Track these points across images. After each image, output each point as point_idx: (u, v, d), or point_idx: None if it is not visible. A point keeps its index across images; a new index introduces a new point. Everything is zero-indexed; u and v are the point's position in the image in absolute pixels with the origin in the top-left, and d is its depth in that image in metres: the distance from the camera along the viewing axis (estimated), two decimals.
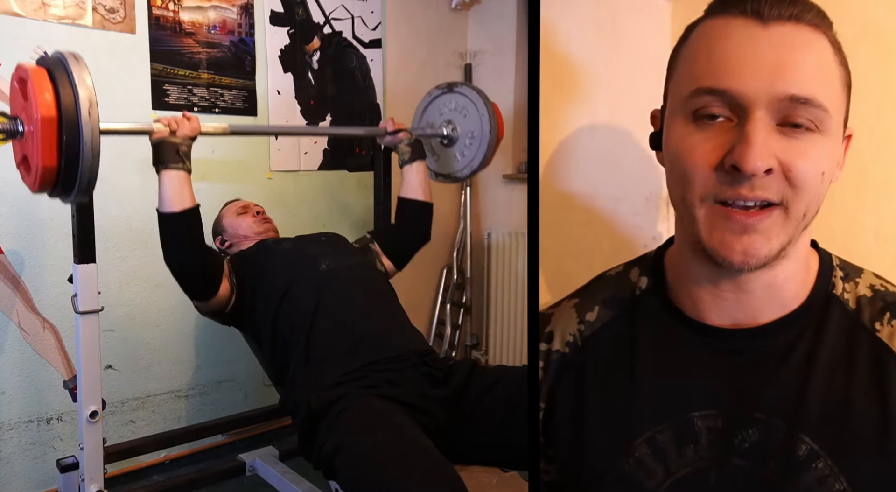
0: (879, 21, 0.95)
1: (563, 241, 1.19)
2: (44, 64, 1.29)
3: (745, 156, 0.67)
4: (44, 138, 1.22)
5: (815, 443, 0.71)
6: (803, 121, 0.68)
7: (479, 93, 2.11)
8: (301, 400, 1.52)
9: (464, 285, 3.04)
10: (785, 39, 0.68)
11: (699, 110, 0.71)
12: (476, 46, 3.01)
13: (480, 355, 3.03)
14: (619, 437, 0.78)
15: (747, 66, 0.68)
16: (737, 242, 0.70)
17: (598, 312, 0.85)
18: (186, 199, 1.58)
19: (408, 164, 2.00)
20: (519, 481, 1.99)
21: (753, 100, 0.68)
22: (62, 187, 1.30)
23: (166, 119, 1.59)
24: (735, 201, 0.69)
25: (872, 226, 0.99)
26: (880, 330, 0.73)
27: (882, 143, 0.97)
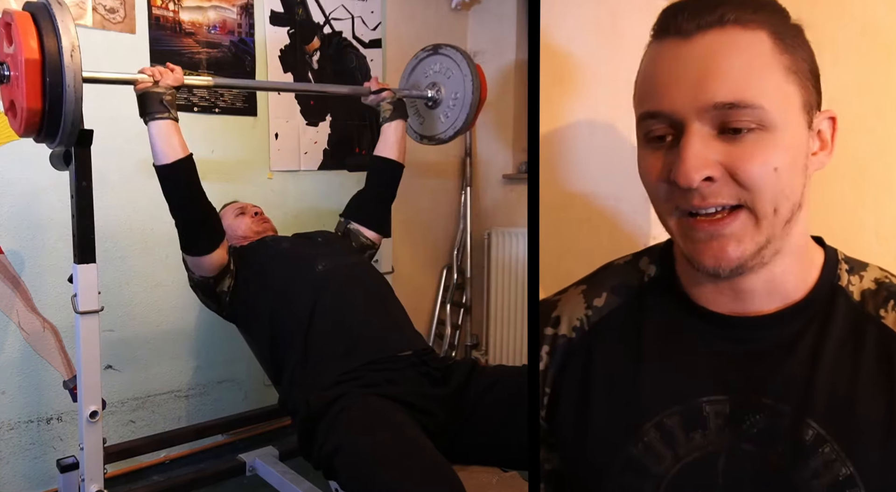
0: (879, 21, 0.95)
1: (563, 240, 1.19)
2: (28, 9, 1.32)
3: (678, 170, 0.69)
4: (28, 81, 1.26)
5: (822, 428, 0.72)
6: (741, 123, 0.68)
7: (464, 54, 2.12)
8: (300, 400, 1.52)
9: (464, 285, 3.04)
10: (707, 49, 0.69)
11: (648, 133, 0.74)
12: (476, 46, 3.01)
13: (480, 355, 3.03)
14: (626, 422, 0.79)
15: (673, 85, 0.70)
16: (706, 248, 0.72)
17: (606, 299, 0.86)
18: (178, 148, 1.60)
19: (388, 122, 2.02)
20: (519, 481, 1.99)
21: (685, 115, 0.69)
22: (47, 131, 1.34)
23: (150, 70, 1.61)
24: (695, 210, 0.71)
25: (872, 226, 0.99)
26: (885, 316, 0.75)
27: (882, 143, 0.97)
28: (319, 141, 2.56)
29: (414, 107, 2.22)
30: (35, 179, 1.90)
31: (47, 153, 1.58)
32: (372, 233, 2.00)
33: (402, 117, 2.05)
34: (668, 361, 0.80)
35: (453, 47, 2.17)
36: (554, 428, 0.85)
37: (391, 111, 2.02)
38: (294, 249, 1.83)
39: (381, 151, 2.03)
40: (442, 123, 2.17)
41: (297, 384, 1.58)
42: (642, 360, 0.81)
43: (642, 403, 0.79)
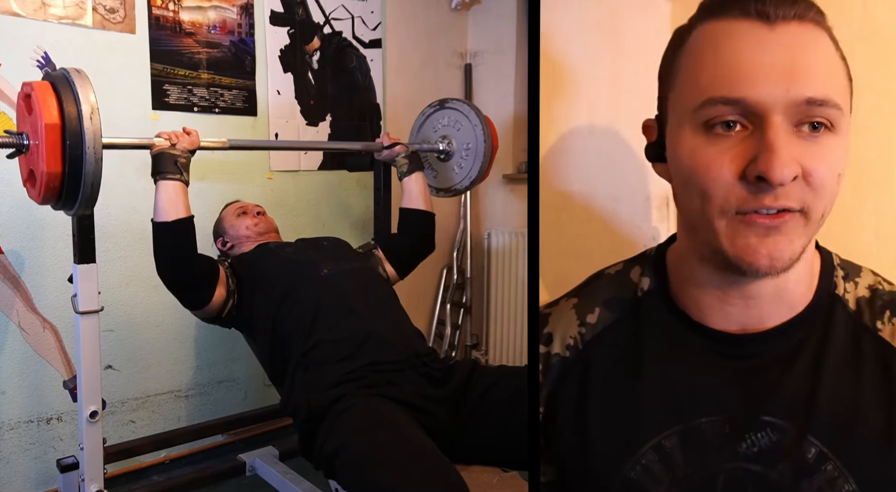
0: (879, 21, 0.95)
1: (563, 241, 1.19)
2: (48, 79, 1.34)
3: (771, 165, 0.65)
4: (48, 144, 1.26)
5: (823, 445, 0.70)
6: (821, 121, 0.66)
7: (471, 106, 2.15)
8: (301, 401, 1.52)
9: (464, 285, 3.04)
10: (794, 40, 0.66)
11: (711, 121, 0.68)
12: (476, 46, 3.01)
13: (480, 355, 3.03)
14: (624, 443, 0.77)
15: (760, 72, 0.66)
16: (761, 245, 0.68)
17: (599, 314, 0.84)
18: (181, 209, 1.59)
19: (406, 176, 2.01)
20: (519, 481, 1.99)
21: (770, 106, 0.66)
22: (66, 196, 1.34)
23: (167, 133, 1.61)
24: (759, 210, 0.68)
25: (872, 226, 0.99)
26: (882, 329, 0.73)
27: (882, 143, 0.97)
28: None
29: (426, 160, 2.21)
30: None
31: None
32: (392, 270, 1.97)
33: (420, 169, 2.04)
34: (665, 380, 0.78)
35: (460, 100, 2.20)
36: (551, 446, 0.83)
37: (407, 164, 2.02)
38: (297, 254, 1.83)
39: (408, 204, 2.01)
40: (457, 173, 2.18)
41: (298, 386, 1.58)
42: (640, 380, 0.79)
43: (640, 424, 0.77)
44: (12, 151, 1.38)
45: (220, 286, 1.69)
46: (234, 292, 1.73)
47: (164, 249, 1.61)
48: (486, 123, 2.11)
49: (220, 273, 1.71)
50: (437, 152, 2.20)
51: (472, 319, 3.08)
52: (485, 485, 2.02)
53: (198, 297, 1.66)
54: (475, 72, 3.02)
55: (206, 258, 1.70)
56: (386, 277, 1.95)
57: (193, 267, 1.64)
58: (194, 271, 1.64)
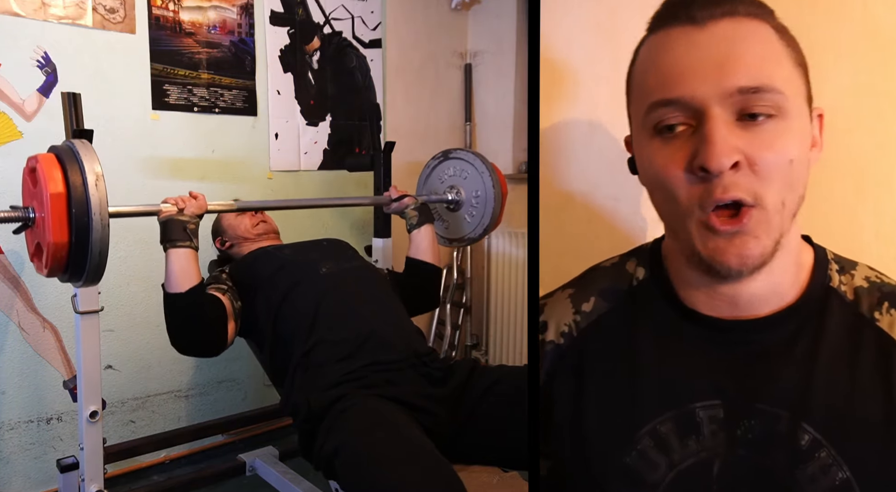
0: (879, 21, 0.95)
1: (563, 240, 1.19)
2: (53, 151, 1.34)
3: (708, 154, 0.68)
4: (54, 214, 1.26)
5: (817, 433, 0.71)
6: (761, 109, 0.68)
7: (476, 154, 2.14)
8: (301, 401, 1.52)
9: (464, 285, 3.04)
10: (724, 36, 0.70)
11: (659, 124, 0.72)
12: (476, 46, 3.01)
13: (480, 355, 3.03)
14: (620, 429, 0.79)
15: (692, 70, 0.70)
16: (730, 246, 0.71)
17: (595, 303, 0.85)
18: (193, 277, 1.56)
19: (416, 228, 1.98)
20: (519, 481, 1.99)
21: (706, 101, 0.69)
22: (73, 266, 1.33)
23: (174, 199, 1.58)
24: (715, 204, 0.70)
25: (872, 226, 0.99)
26: (880, 319, 0.74)
27: (882, 143, 0.97)
28: (319, 141, 2.56)
29: (435, 211, 2.19)
30: None
31: None
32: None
33: (430, 221, 2.01)
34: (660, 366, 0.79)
35: (463, 150, 2.19)
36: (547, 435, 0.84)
37: (417, 217, 1.98)
38: (296, 254, 1.82)
39: (415, 255, 1.98)
40: (468, 223, 2.16)
41: (298, 386, 1.58)
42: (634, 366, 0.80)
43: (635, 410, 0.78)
44: (19, 226, 1.37)
45: (231, 321, 1.67)
46: (240, 312, 1.72)
47: (178, 319, 1.57)
48: (492, 169, 2.09)
49: (227, 307, 1.67)
50: (447, 202, 2.18)
51: (472, 319, 3.08)
52: (485, 485, 2.02)
53: (214, 350, 1.64)
54: (475, 72, 3.02)
55: (214, 307, 1.63)
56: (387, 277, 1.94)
57: (207, 329, 1.61)
58: (208, 332, 1.62)
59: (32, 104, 1.89)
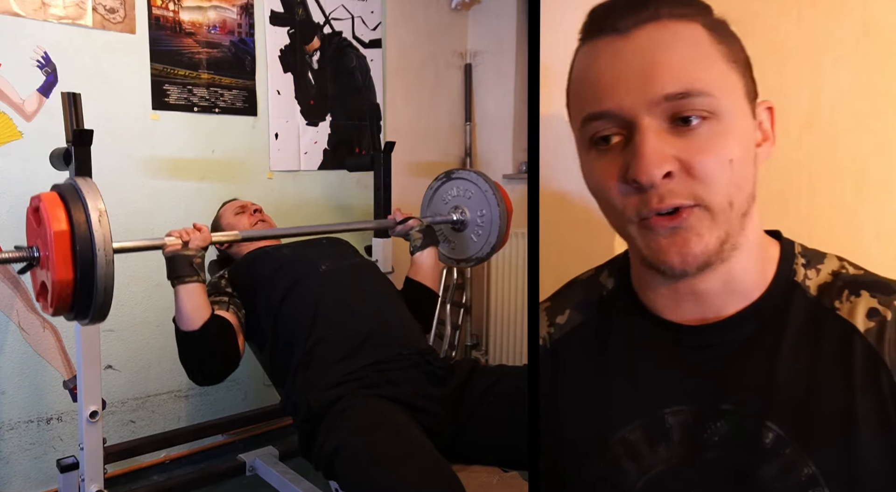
0: (879, 21, 0.95)
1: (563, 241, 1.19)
2: (55, 190, 1.35)
3: (638, 167, 0.68)
4: (58, 252, 1.26)
5: (781, 430, 0.70)
6: (692, 113, 0.67)
7: (478, 173, 2.14)
8: (301, 401, 1.52)
9: (464, 285, 3.04)
10: (648, 42, 0.69)
11: (593, 136, 0.72)
12: (476, 46, 3.01)
13: (480, 355, 3.03)
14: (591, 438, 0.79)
15: (618, 81, 0.69)
16: (670, 243, 0.70)
17: (569, 316, 0.86)
18: (204, 312, 1.57)
19: (420, 250, 1.97)
20: (519, 481, 1.99)
21: (634, 111, 0.68)
22: (79, 304, 1.33)
23: (178, 232, 1.58)
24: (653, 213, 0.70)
25: (872, 226, 0.99)
26: (840, 308, 0.73)
27: (882, 143, 0.96)
28: (319, 141, 2.56)
29: (441, 232, 2.19)
30: (35, 178, 1.90)
31: (47, 153, 1.58)
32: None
33: (434, 244, 2.00)
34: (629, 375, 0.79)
35: (466, 170, 2.19)
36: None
37: (422, 239, 1.98)
38: (295, 253, 1.82)
39: (414, 276, 1.97)
40: (475, 242, 2.16)
41: (298, 385, 1.58)
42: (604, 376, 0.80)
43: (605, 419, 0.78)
44: (24, 266, 1.37)
45: (240, 335, 1.67)
46: (243, 323, 1.72)
47: (195, 357, 1.58)
48: (496, 188, 2.09)
49: (234, 325, 1.66)
50: (452, 223, 2.17)
51: (472, 319, 3.08)
52: (485, 485, 2.02)
53: (229, 372, 1.65)
54: (475, 72, 3.02)
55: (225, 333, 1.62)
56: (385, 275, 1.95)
57: (224, 360, 1.61)
58: (226, 363, 1.62)
59: (32, 104, 1.89)
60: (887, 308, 0.70)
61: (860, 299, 0.72)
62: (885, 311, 0.70)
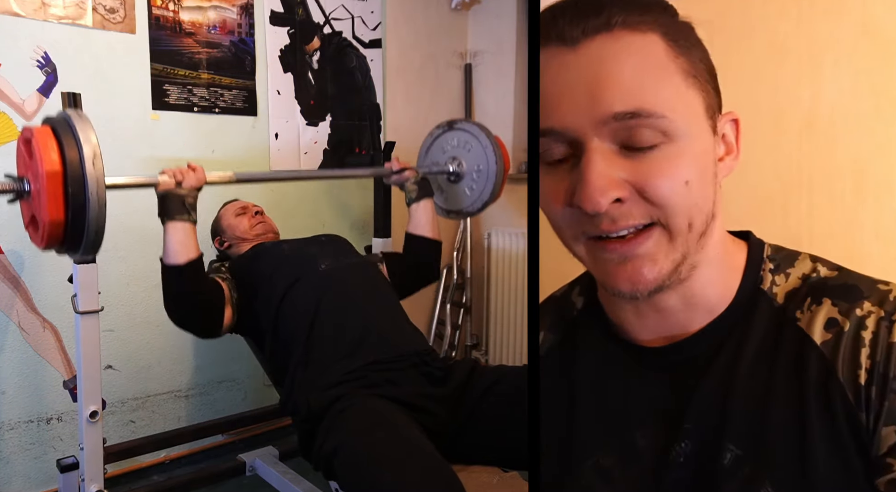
0: (879, 21, 0.95)
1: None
2: (48, 123, 1.31)
3: (582, 194, 0.62)
4: (49, 192, 1.24)
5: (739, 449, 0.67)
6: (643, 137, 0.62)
7: (481, 127, 2.11)
8: (301, 401, 1.52)
9: (464, 285, 3.04)
10: (597, 56, 0.62)
11: (543, 154, 0.67)
12: (476, 46, 3.01)
13: (480, 355, 3.03)
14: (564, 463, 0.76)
15: (563, 99, 0.63)
16: (620, 271, 0.66)
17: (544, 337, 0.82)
18: (192, 250, 1.57)
19: (415, 202, 1.98)
20: (519, 481, 1.99)
21: (582, 131, 0.63)
22: (70, 242, 1.31)
23: (171, 171, 1.57)
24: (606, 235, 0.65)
25: (872, 226, 0.99)
26: (801, 318, 0.68)
27: (882, 143, 0.97)
28: (319, 141, 2.56)
29: (436, 181, 2.18)
30: None
31: None
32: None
33: (429, 195, 2.01)
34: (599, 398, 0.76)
35: (468, 121, 2.18)
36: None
37: (416, 191, 1.98)
38: (295, 250, 1.82)
39: (414, 230, 1.99)
40: (468, 196, 2.15)
41: (298, 385, 1.58)
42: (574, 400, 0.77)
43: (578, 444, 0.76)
44: (13, 197, 1.36)
45: (228, 307, 1.68)
46: (238, 305, 1.73)
47: (175, 292, 1.58)
48: (496, 144, 2.08)
49: (225, 292, 1.69)
50: (448, 174, 2.17)
51: (472, 319, 3.08)
52: (485, 485, 2.02)
53: (210, 329, 1.66)
54: (475, 72, 3.02)
55: (212, 286, 1.66)
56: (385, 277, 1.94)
57: (204, 304, 1.62)
58: (207, 305, 1.63)
59: (32, 104, 1.89)
60: (846, 318, 0.65)
61: (821, 308, 0.67)
62: (844, 321, 0.65)
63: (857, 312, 0.65)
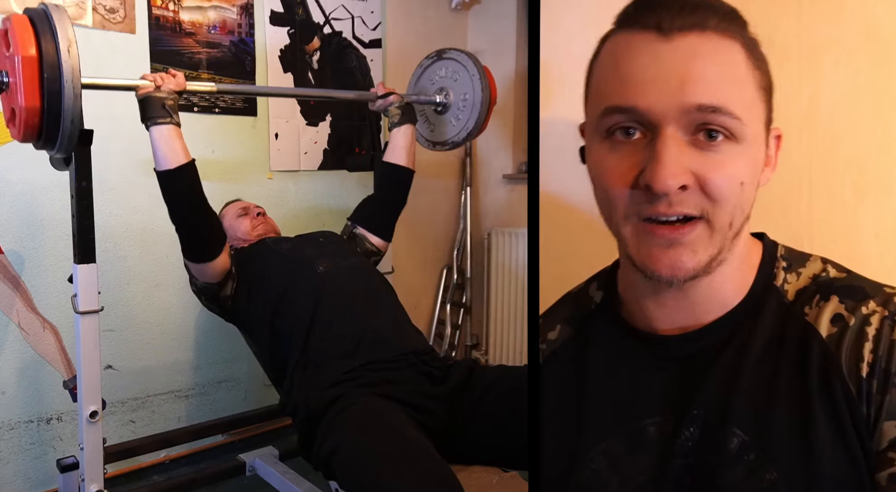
0: (879, 21, 0.95)
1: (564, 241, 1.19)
2: (27, 13, 1.32)
3: (656, 175, 0.67)
4: (25, 79, 1.25)
5: (745, 435, 0.71)
6: (717, 129, 0.67)
7: (469, 55, 2.09)
8: (300, 401, 1.52)
9: (464, 285, 3.04)
10: (688, 51, 0.68)
11: (611, 128, 0.71)
12: (476, 46, 3.01)
13: (480, 355, 3.03)
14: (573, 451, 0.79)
15: (652, 82, 0.68)
16: (663, 255, 0.70)
17: (560, 331, 0.86)
18: (180, 153, 1.58)
19: (396, 126, 1.98)
20: (519, 481, 1.99)
21: (662, 115, 0.67)
22: (46, 134, 1.32)
23: (151, 76, 1.60)
24: (657, 217, 0.70)
25: (872, 226, 0.99)
26: (809, 313, 0.73)
27: (882, 143, 0.97)
28: (319, 141, 2.56)
29: (423, 115, 2.17)
30: (35, 179, 1.90)
31: (47, 154, 1.58)
32: (377, 239, 1.99)
33: (412, 122, 2.00)
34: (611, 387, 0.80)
35: (457, 50, 2.15)
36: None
37: (399, 116, 1.98)
38: (295, 251, 1.82)
39: (390, 156, 1.99)
40: (453, 126, 2.13)
41: (297, 385, 1.58)
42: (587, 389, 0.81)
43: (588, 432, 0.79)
44: None
45: (226, 254, 1.71)
46: (235, 276, 1.73)
47: (171, 197, 1.61)
48: (484, 73, 2.04)
49: (226, 243, 1.72)
50: (434, 105, 2.14)
51: (472, 319, 3.08)
52: (485, 485, 2.02)
53: (206, 248, 1.67)
54: None
55: (215, 214, 1.71)
56: (375, 250, 1.98)
57: (203, 215, 1.65)
58: (204, 220, 1.66)
59: None
60: (852, 315, 0.70)
61: (828, 304, 0.72)
62: (850, 317, 0.70)
63: (862, 310, 0.70)
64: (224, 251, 1.70)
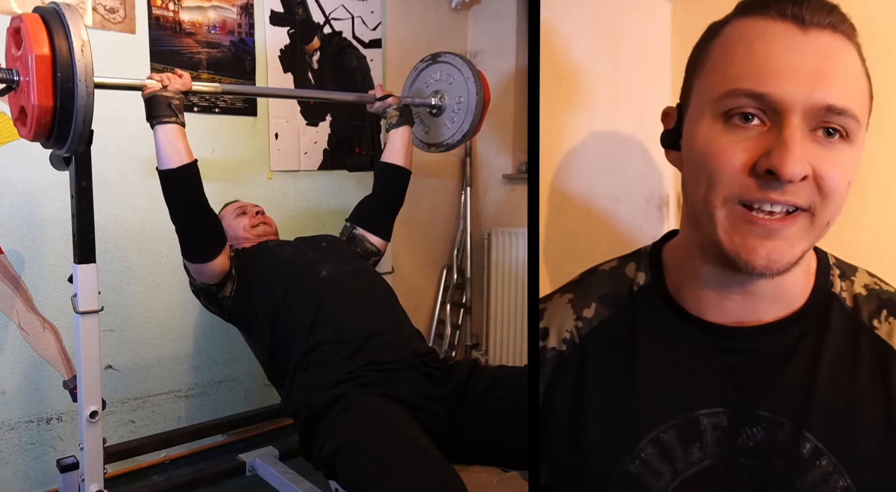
0: (879, 21, 0.95)
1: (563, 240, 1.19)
2: (38, 12, 1.32)
3: (783, 161, 0.66)
4: (38, 77, 1.24)
5: (819, 441, 0.71)
6: (837, 128, 0.68)
7: (464, 59, 2.13)
8: (301, 402, 1.52)
9: (464, 285, 3.04)
10: (824, 47, 0.68)
11: (732, 111, 0.70)
12: (476, 46, 3.01)
13: (480, 355, 3.03)
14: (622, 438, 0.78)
15: (788, 72, 0.68)
16: (761, 246, 0.70)
17: (596, 309, 0.84)
18: (183, 153, 1.59)
19: (394, 128, 2.01)
20: (519, 481, 1.99)
21: (791, 106, 0.68)
22: (58, 133, 1.31)
23: (158, 75, 1.62)
24: (762, 205, 0.69)
25: (872, 226, 0.99)
26: (879, 327, 0.74)
27: (882, 143, 0.96)
28: (319, 141, 2.56)
29: (418, 117, 2.20)
30: (35, 179, 1.90)
31: (47, 153, 1.58)
32: (377, 239, 1.99)
33: (409, 123, 2.04)
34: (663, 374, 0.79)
35: (452, 53, 2.17)
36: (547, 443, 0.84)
37: (397, 117, 2.01)
38: (297, 255, 1.82)
39: (387, 157, 2.02)
40: (448, 128, 2.17)
41: (298, 386, 1.58)
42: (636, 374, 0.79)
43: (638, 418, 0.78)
44: (2, 88, 1.36)
45: (225, 255, 1.71)
46: (235, 277, 1.73)
47: (172, 196, 1.62)
48: (478, 76, 2.09)
49: (226, 245, 1.73)
50: (429, 107, 2.18)
51: (472, 319, 3.08)
52: (485, 485, 2.02)
53: (206, 248, 1.67)
54: None
55: (216, 215, 1.71)
56: (375, 250, 1.98)
57: (203, 210, 1.65)
58: (204, 219, 1.66)
59: None
60: None
61: None
62: None
63: None
64: (223, 253, 1.70)
